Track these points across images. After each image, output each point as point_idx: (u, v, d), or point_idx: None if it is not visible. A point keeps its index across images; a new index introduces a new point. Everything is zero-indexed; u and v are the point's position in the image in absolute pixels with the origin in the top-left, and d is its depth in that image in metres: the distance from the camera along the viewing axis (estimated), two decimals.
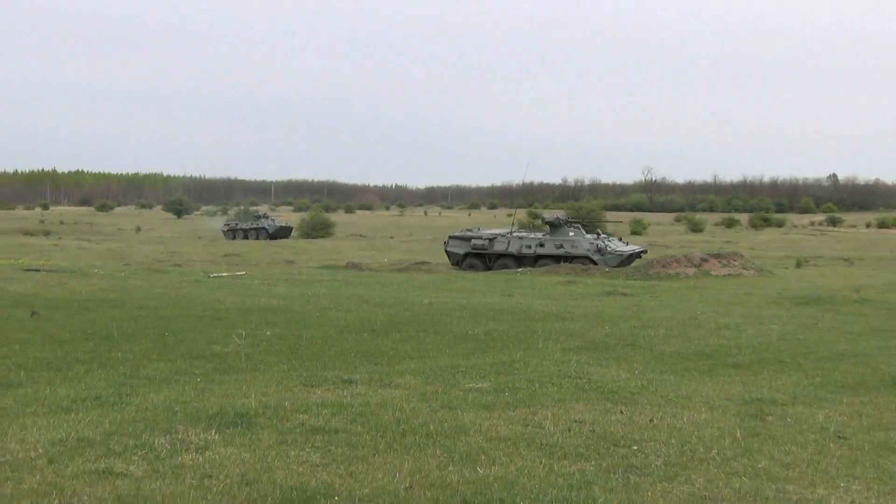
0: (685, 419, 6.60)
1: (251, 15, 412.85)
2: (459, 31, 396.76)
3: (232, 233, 60.86)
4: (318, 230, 60.70)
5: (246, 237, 59.05)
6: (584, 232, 30.37)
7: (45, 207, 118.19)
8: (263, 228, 59.98)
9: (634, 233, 61.28)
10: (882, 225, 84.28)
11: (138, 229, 68.18)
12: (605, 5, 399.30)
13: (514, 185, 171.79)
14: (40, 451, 5.39)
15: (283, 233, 60.20)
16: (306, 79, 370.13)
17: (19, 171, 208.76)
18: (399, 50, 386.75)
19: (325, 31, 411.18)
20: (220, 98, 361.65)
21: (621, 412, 6.81)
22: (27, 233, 56.72)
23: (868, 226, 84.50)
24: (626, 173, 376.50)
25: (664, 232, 68.57)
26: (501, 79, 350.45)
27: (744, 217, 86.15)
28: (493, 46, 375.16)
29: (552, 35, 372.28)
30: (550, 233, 29.95)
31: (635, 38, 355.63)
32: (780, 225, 79.83)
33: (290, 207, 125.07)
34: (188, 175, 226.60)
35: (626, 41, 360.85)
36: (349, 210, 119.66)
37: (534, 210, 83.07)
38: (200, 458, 5.26)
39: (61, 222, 74.97)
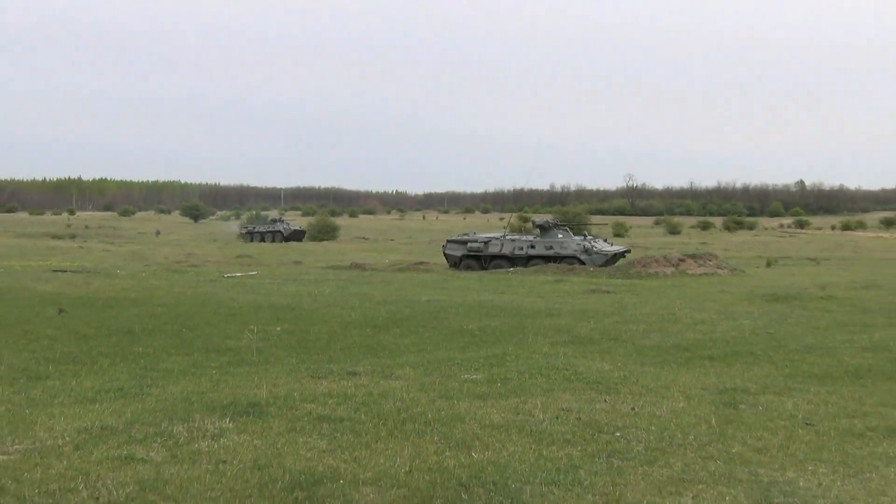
0: (664, 407, 6.60)
1: (265, 36, 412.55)
2: (455, 51, 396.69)
3: (249, 235, 60.74)
4: (324, 233, 60.71)
5: (262, 240, 58.89)
6: (572, 234, 30.36)
7: (72, 213, 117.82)
8: (279, 232, 59.86)
9: (617, 235, 61.30)
10: (846, 227, 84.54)
11: (158, 233, 68.05)
12: (589, 22, 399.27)
13: (506, 190, 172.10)
14: (67, 438, 5.39)
15: (296, 236, 60.03)
16: (314, 93, 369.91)
17: (47, 179, 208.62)
18: (398, 67, 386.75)
19: (330, 52, 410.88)
20: (233, 111, 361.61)
21: (605, 401, 6.81)
22: (55, 236, 56.65)
23: (833, 228, 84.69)
24: (609, 180, 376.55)
25: (644, 234, 68.60)
26: (493, 91, 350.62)
27: (718, 220, 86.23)
28: (484, 62, 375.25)
29: (540, 52, 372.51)
30: (541, 235, 29.92)
31: (616, 56, 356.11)
32: (751, 228, 79.95)
33: (299, 212, 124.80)
34: (204, 182, 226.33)
35: (607, 59, 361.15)
36: (353, 214, 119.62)
37: (524, 214, 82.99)
38: (216, 445, 5.26)
39: (86, 226, 74.82)
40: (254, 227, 62.28)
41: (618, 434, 5.71)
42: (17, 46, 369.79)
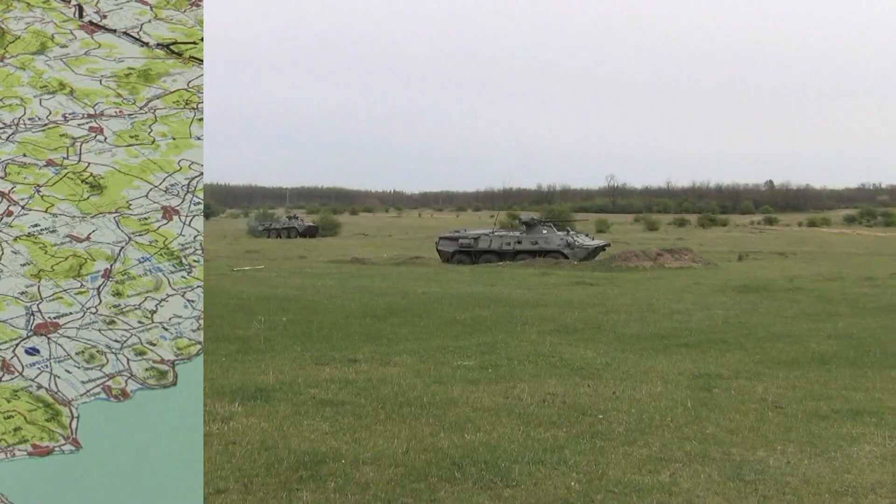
0: (643, 391, 6.60)
1: (270, 45, 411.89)
2: (448, 59, 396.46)
3: (267, 231, 60.64)
4: (326, 230, 60.68)
5: (279, 236, 58.72)
6: (555, 229, 30.40)
7: None
8: (294, 228, 59.92)
9: (600, 231, 61.28)
10: (812, 224, 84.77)
11: None
12: (587, 26, 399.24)
13: (496, 189, 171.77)
14: None
15: (311, 231, 59.89)
16: (316, 96, 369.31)
17: None
18: (395, 74, 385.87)
19: (331, 63, 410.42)
20: (241, 114, 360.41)
21: (588, 386, 6.81)
22: None
23: (800, 225, 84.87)
24: (591, 180, 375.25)
25: (625, 231, 68.69)
26: (483, 94, 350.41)
27: (693, 217, 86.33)
28: (478, 67, 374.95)
29: (534, 55, 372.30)
30: (527, 231, 29.94)
31: (600, 60, 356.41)
32: (724, 224, 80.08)
33: (303, 210, 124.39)
34: (215, 182, 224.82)
35: (593, 62, 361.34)
36: (354, 212, 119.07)
37: (512, 212, 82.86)
38: (226, 427, 5.24)
39: None
40: (270, 224, 62.28)
41: (600, 416, 5.71)
42: None
